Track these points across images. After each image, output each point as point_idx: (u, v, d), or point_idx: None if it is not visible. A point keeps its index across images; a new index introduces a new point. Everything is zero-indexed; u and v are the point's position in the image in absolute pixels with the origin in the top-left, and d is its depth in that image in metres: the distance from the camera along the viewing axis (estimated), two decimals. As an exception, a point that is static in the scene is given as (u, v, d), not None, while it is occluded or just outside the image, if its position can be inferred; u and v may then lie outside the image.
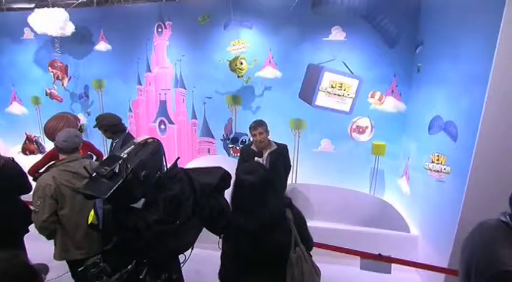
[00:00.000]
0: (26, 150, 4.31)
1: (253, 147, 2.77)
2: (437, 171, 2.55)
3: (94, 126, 2.75)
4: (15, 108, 4.80)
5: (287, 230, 1.33)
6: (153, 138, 1.26)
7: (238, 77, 3.79)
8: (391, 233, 2.93)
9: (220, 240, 1.47)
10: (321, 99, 3.64)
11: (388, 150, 3.62)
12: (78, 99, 4.47)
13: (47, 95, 4.39)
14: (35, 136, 4.33)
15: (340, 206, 3.40)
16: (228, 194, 1.49)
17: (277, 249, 1.33)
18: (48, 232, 1.99)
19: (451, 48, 2.57)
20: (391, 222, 3.08)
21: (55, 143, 2.00)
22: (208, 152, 4.39)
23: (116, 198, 1.05)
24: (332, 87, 3.60)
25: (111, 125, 2.70)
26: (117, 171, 1.06)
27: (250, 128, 2.67)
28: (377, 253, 2.15)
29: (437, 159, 2.56)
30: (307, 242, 1.43)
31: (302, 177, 3.98)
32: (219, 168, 1.58)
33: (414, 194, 3.13)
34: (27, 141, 4.33)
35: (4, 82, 4.74)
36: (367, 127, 3.72)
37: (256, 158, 2.64)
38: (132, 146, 1.19)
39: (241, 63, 3.75)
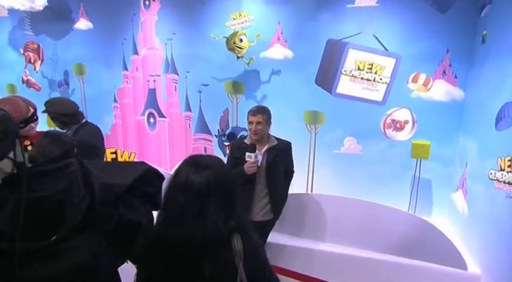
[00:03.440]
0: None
1: (246, 140, 2.47)
2: (509, 183, 2.14)
3: (42, 111, 2.48)
4: (-9, 97, 4.79)
5: (227, 265, 1.03)
6: None
7: (238, 57, 3.48)
8: (438, 268, 2.56)
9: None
10: (345, 86, 3.34)
11: (436, 152, 3.18)
12: (57, 87, 4.38)
13: (23, 82, 4.33)
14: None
15: (365, 226, 2.96)
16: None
17: None
18: None
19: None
20: (438, 253, 2.64)
21: None
22: (205, 151, 4.09)
23: None
24: (359, 69, 3.27)
25: (61, 114, 2.40)
26: None
27: (248, 113, 2.43)
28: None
29: (509, 166, 2.16)
30: None
31: (319, 185, 3.61)
32: (142, 163, 1.29)
33: (474, 214, 2.70)
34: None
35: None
36: (406, 122, 3.26)
37: (247, 154, 2.30)
38: None
39: (241, 41, 3.43)
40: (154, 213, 1.26)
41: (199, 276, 1.02)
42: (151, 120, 4.20)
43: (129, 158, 3.67)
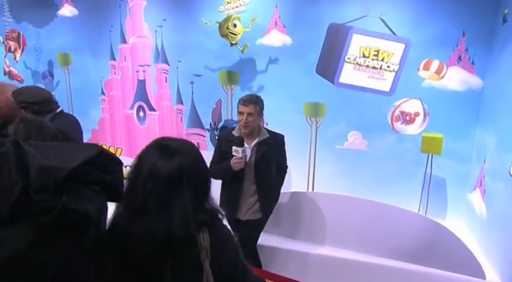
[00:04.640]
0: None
1: (235, 132, 2.40)
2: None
3: None
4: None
5: (192, 263, 1.00)
6: None
7: (231, 44, 3.38)
8: (452, 276, 2.51)
9: None
10: (348, 75, 3.28)
11: (451, 148, 3.10)
12: (41, 79, 4.34)
13: (5, 74, 4.30)
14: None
15: (370, 228, 2.93)
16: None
17: None
18: None
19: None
20: (452, 259, 2.60)
21: None
22: (198, 147, 3.97)
23: None
24: (364, 56, 3.19)
25: (30, 103, 2.34)
26: None
27: (239, 102, 2.37)
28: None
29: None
30: None
31: (320, 183, 3.53)
32: (92, 145, 1.17)
33: (493, 216, 2.62)
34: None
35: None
36: (417, 114, 3.17)
37: (234, 148, 2.25)
38: None
39: (235, 26, 3.33)
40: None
41: (159, 277, 0.99)
42: (141, 114, 4.12)
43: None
